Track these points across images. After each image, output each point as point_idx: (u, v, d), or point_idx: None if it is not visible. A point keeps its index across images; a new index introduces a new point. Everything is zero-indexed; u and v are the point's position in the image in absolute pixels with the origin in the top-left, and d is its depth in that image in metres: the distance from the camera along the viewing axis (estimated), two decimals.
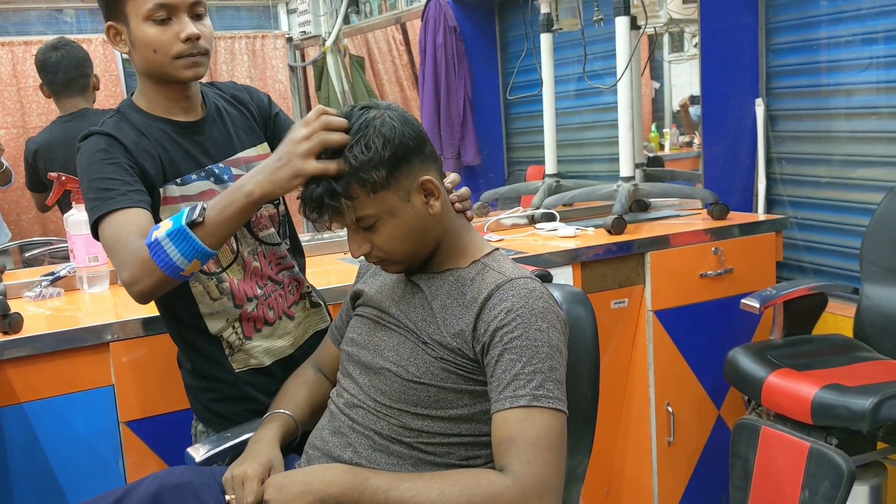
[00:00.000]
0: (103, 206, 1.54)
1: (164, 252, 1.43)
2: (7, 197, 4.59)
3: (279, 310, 1.80)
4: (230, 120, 1.78)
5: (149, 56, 1.62)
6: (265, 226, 1.79)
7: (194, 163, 1.69)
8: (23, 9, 4.87)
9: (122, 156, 1.59)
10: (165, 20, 1.60)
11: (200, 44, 1.63)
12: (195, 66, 1.64)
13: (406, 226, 1.41)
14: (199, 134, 1.72)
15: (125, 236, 1.50)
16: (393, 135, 1.37)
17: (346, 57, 4.93)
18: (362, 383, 1.49)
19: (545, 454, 1.28)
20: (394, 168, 1.37)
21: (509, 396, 1.31)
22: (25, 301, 2.28)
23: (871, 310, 2.56)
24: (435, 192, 1.42)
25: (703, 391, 2.77)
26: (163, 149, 1.66)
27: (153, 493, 1.43)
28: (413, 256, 1.47)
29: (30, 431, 1.93)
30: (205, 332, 1.74)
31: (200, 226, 1.43)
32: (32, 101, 4.63)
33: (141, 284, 1.48)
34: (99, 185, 1.56)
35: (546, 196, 3.15)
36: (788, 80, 3.07)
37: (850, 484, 2.08)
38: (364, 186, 1.36)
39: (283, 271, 1.82)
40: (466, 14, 4.13)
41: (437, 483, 1.30)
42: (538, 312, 1.35)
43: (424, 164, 1.42)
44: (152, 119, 1.69)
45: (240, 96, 1.83)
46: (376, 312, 1.53)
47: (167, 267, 1.44)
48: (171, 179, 1.66)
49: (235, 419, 1.76)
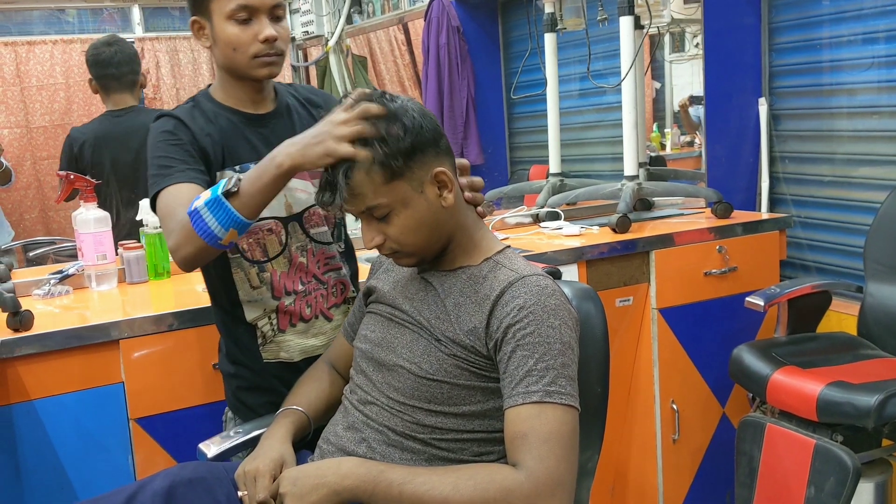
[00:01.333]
0: (161, 182, 1.63)
1: (203, 221, 1.48)
2: (10, 196, 4.60)
3: (317, 308, 1.82)
4: (298, 119, 1.83)
5: (228, 53, 1.70)
6: (317, 223, 1.83)
7: (255, 153, 1.73)
8: (25, 9, 4.88)
9: (187, 138, 1.67)
10: (246, 20, 1.67)
11: (277, 45, 1.70)
12: (270, 66, 1.71)
13: (419, 217, 1.43)
14: (265, 127, 1.78)
15: (175, 207, 1.57)
16: (413, 125, 1.40)
17: (348, 57, 4.93)
18: (375, 380, 1.50)
19: (558, 450, 1.30)
20: (410, 158, 1.40)
21: (522, 392, 1.32)
22: (34, 299, 2.29)
23: (875, 308, 2.57)
24: (448, 185, 1.44)
25: (707, 389, 2.78)
26: (227, 137, 1.73)
27: (166, 489, 1.44)
28: (425, 249, 1.48)
29: (40, 428, 1.94)
30: (241, 319, 1.79)
31: (236, 195, 1.48)
32: (35, 101, 4.65)
33: (183, 251, 1.54)
34: (160, 163, 1.65)
35: (550, 195, 3.16)
36: (791, 79, 3.08)
37: (856, 480, 2.09)
38: (382, 173, 1.38)
39: (331, 272, 1.85)
40: (469, 14, 4.14)
41: (451, 478, 1.31)
42: (550, 309, 1.36)
43: (439, 156, 1.45)
44: (223, 109, 1.76)
45: (313, 99, 1.89)
46: (389, 309, 1.55)
47: (206, 235, 1.49)
48: (230, 166, 1.73)
49: (258, 410, 1.80)
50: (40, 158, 4.68)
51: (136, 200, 2.51)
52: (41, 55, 4.68)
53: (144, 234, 2.45)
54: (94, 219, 2.35)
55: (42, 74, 4.68)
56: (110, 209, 3.09)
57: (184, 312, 2.07)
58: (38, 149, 4.67)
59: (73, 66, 4.71)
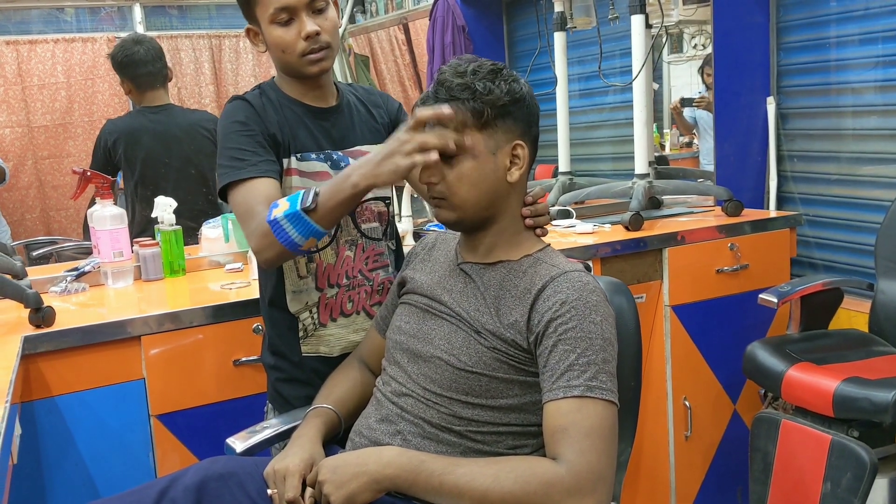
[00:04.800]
0: (234, 174, 1.66)
1: (284, 231, 1.53)
2: (12, 196, 4.58)
3: (360, 304, 1.83)
4: (358, 116, 1.86)
5: (279, 55, 1.74)
6: (369, 218, 1.85)
7: (316, 144, 1.78)
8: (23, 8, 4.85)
9: (258, 127, 1.70)
10: (288, 21, 1.69)
11: (321, 38, 1.71)
12: (320, 63, 1.73)
13: (481, 173, 1.46)
14: (326, 120, 1.81)
15: (253, 206, 1.62)
16: (517, 92, 1.46)
17: (350, 56, 4.94)
18: (411, 371, 1.50)
19: (599, 444, 1.30)
20: (501, 117, 1.44)
21: (563, 386, 1.33)
22: (51, 296, 2.28)
23: (887, 304, 2.59)
24: (521, 163, 1.48)
25: (719, 385, 2.79)
26: (291, 126, 1.76)
27: (198, 483, 1.43)
28: (471, 209, 1.48)
29: (62, 425, 1.94)
30: (285, 310, 1.80)
31: (313, 211, 1.52)
32: (37, 100, 4.62)
33: (265, 254, 1.60)
34: (232, 154, 1.68)
35: (561, 193, 3.17)
36: (799, 78, 3.09)
37: (873, 476, 2.10)
38: (472, 116, 1.43)
39: (379, 269, 1.86)
40: (475, 13, 4.14)
41: (492, 469, 1.31)
42: (592, 305, 1.37)
43: (525, 136, 1.49)
44: (287, 100, 1.79)
45: (373, 99, 1.93)
46: (426, 301, 1.55)
47: (287, 243, 1.54)
48: (293, 154, 1.75)
49: (295, 403, 1.81)
50: (42, 158, 4.65)
51: (152, 198, 2.50)
52: (42, 54, 4.65)
53: (160, 231, 2.44)
54: (110, 216, 2.34)
55: (43, 73, 4.65)
56: (126, 205, 3.10)
57: (204, 309, 2.07)
58: (40, 148, 4.64)
59: (75, 66, 4.69)
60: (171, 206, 2.45)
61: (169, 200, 2.46)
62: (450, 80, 1.45)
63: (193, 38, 4.96)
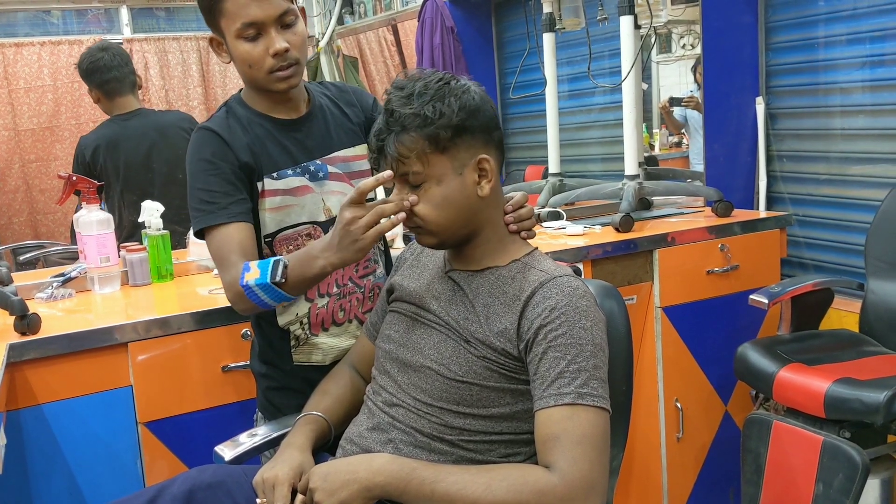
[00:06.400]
0: (206, 219, 1.66)
1: (257, 295, 1.58)
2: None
3: (351, 312, 1.82)
4: (333, 120, 1.82)
5: (245, 70, 1.70)
6: None
7: (291, 159, 1.74)
8: (9, 10, 4.82)
9: (226, 162, 1.67)
10: (256, 36, 1.65)
11: (290, 55, 1.67)
12: (287, 80, 1.69)
13: (448, 195, 1.44)
14: (299, 131, 1.77)
15: (227, 255, 1.64)
16: (469, 105, 1.42)
17: (339, 57, 4.93)
18: (401, 381, 1.49)
19: (591, 452, 1.29)
20: (459, 135, 1.42)
21: (554, 394, 1.32)
22: (37, 302, 2.26)
23: (877, 305, 2.59)
24: (489, 175, 1.45)
25: (710, 387, 2.79)
26: (262, 143, 1.72)
27: (186, 493, 1.43)
28: (448, 231, 1.47)
29: (48, 433, 1.92)
30: (275, 322, 1.78)
31: (283, 284, 1.56)
32: (23, 103, 4.59)
33: (239, 307, 1.66)
34: (201, 197, 1.67)
35: (551, 195, 3.16)
36: (788, 78, 3.09)
37: (865, 476, 2.10)
38: (428, 143, 1.40)
39: (369, 275, 1.85)
40: (464, 14, 4.13)
41: (484, 478, 1.30)
42: (582, 311, 1.36)
43: (488, 146, 1.46)
44: (255, 115, 1.74)
45: (347, 98, 1.88)
46: (414, 309, 1.54)
47: (261, 304, 1.61)
48: (268, 174, 1.72)
49: (285, 411, 1.79)
50: (28, 161, 4.62)
51: (138, 202, 2.48)
52: (28, 57, 4.62)
53: (147, 235, 2.42)
54: (96, 220, 2.32)
55: (29, 76, 4.62)
56: (112, 211, 3.07)
57: (192, 315, 2.05)
58: (27, 151, 4.61)
59: (61, 68, 4.65)
60: (159, 211, 2.43)
61: (156, 205, 2.44)
62: (398, 111, 1.42)
63: (181, 41, 4.93)
